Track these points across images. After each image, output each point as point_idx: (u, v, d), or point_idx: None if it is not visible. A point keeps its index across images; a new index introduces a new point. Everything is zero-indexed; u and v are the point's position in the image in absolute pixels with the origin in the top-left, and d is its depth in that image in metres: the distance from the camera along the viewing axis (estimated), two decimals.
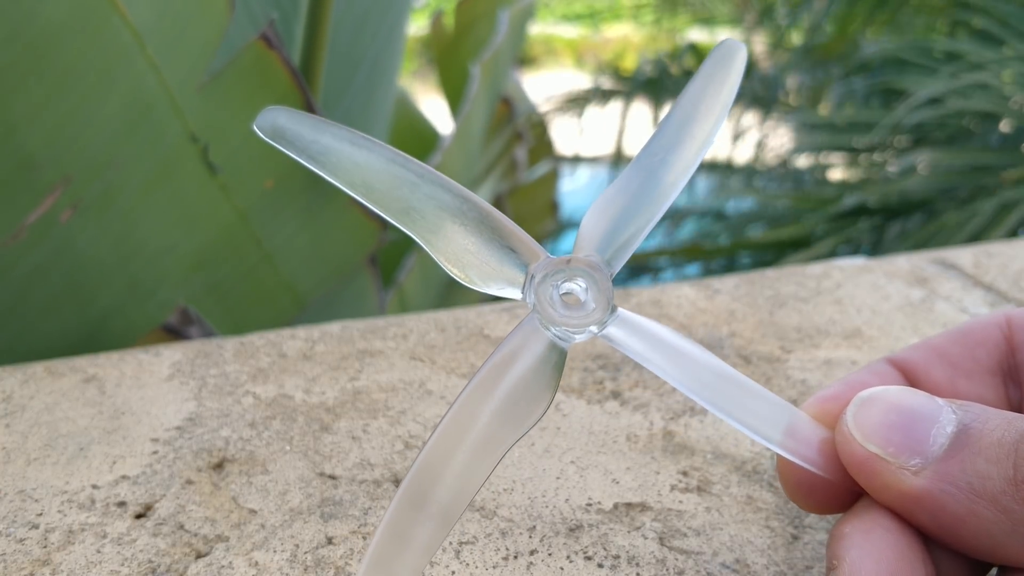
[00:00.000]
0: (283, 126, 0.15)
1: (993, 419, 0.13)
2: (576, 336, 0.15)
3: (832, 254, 0.93)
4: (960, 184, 0.91)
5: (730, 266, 1.09)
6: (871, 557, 0.13)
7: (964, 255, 0.33)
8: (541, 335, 0.14)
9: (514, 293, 0.15)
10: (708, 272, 1.12)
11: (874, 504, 0.14)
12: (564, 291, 0.15)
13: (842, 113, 1.14)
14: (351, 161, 0.15)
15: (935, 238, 0.86)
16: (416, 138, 0.85)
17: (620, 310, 0.15)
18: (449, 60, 0.87)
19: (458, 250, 0.15)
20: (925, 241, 0.86)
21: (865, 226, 0.94)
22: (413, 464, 0.13)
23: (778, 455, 0.15)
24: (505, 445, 0.14)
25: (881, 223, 0.95)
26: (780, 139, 1.36)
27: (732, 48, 0.17)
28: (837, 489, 0.15)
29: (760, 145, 1.37)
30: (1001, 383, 0.16)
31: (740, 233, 1.19)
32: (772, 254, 1.03)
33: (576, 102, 1.51)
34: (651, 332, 0.15)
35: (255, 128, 0.15)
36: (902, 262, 0.32)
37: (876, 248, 0.94)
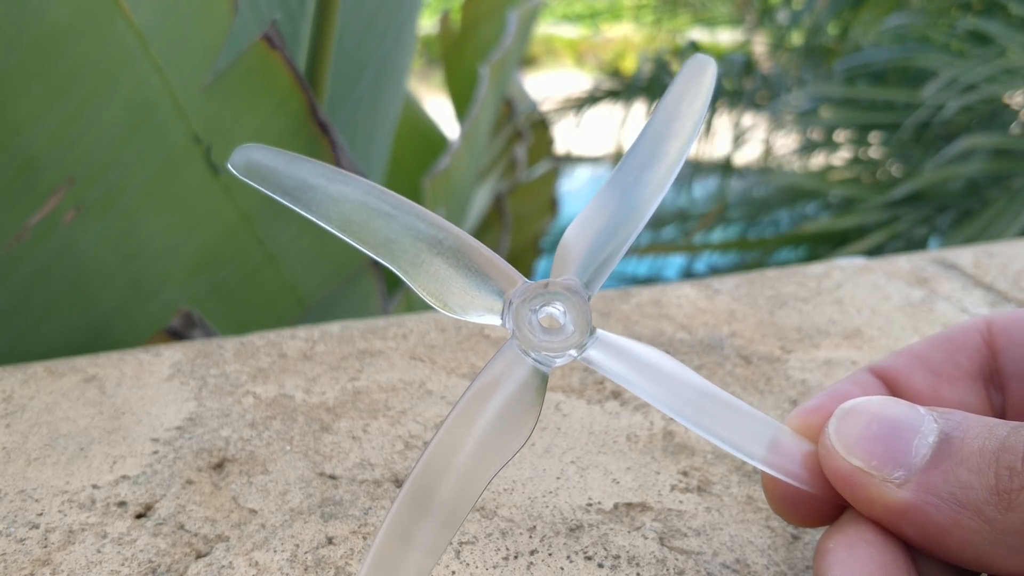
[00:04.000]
0: (257, 163, 0.15)
1: (974, 427, 0.13)
2: (556, 360, 0.15)
3: (882, 248, 0.92)
4: (1013, 172, 0.89)
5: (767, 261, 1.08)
6: (854, 573, 0.13)
7: (964, 255, 0.33)
8: (522, 361, 0.15)
9: (494, 320, 0.15)
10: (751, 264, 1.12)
11: (858, 518, 0.14)
12: (543, 315, 0.15)
13: (856, 89, 1.12)
14: (326, 195, 0.15)
15: (990, 228, 0.85)
16: (420, 139, 0.85)
17: (599, 332, 0.15)
18: (455, 58, 0.87)
19: (436, 280, 0.15)
20: (979, 232, 0.85)
21: (916, 216, 0.93)
22: (401, 490, 0.14)
23: (762, 471, 0.15)
24: (491, 471, 0.14)
25: (932, 213, 0.94)
26: (786, 140, 1.36)
27: (702, 64, 0.17)
28: (822, 502, 0.15)
29: (767, 143, 1.37)
30: (983, 388, 0.16)
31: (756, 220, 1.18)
32: (825, 247, 1.02)
33: (576, 104, 1.51)
34: (631, 353, 0.15)
35: (229, 166, 0.15)
36: (902, 262, 0.32)
37: (927, 242, 0.93)
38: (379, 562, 0.13)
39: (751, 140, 1.42)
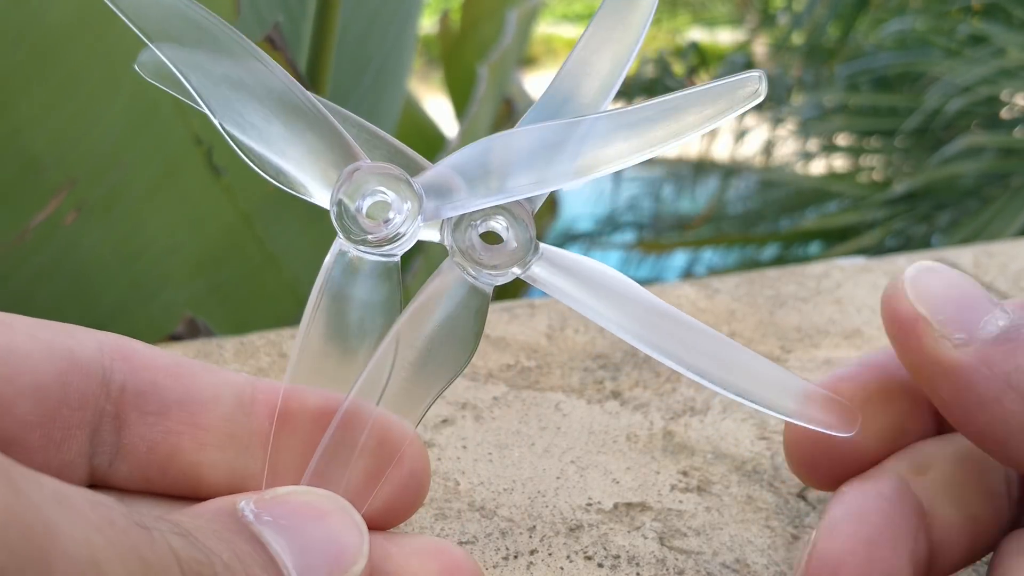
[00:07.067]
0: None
1: None
2: (498, 279, 0.13)
3: (881, 246, 0.92)
4: (1013, 170, 0.89)
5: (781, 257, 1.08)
6: (854, 519, 0.13)
7: (964, 255, 0.33)
8: (461, 279, 0.13)
9: (432, 235, 0.13)
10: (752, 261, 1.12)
11: (884, 473, 0.14)
12: (483, 230, 0.14)
13: (857, 96, 1.13)
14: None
15: (990, 226, 0.85)
16: (419, 137, 0.85)
17: (544, 247, 0.14)
18: (454, 58, 0.88)
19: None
20: (977, 231, 0.85)
21: (916, 214, 0.93)
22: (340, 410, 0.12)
23: (786, 425, 0.15)
24: (429, 396, 0.13)
25: (930, 212, 0.94)
26: (787, 143, 1.36)
27: None
28: (845, 460, 0.14)
29: (768, 145, 1.37)
30: None
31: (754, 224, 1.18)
32: (824, 244, 1.02)
33: None
34: (584, 270, 0.14)
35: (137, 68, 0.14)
36: (902, 262, 0.32)
37: (927, 239, 0.93)
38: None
39: (752, 142, 1.42)
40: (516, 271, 0.14)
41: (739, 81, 0.13)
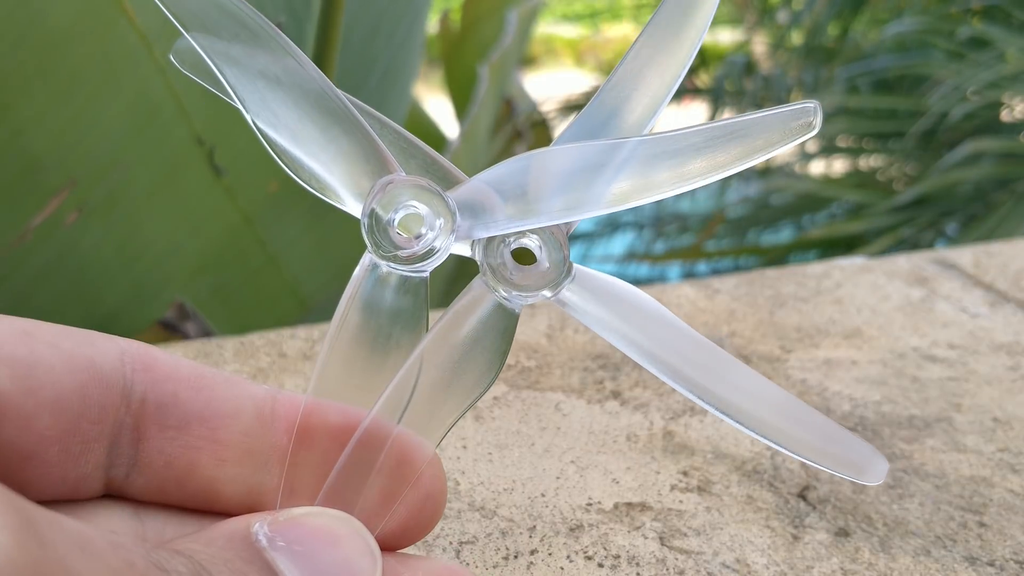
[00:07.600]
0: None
1: None
2: (528, 299, 0.13)
3: (888, 253, 0.92)
4: (1016, 175, 0.89)
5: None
6: None
7: (964, 255, 0.33)
8: (489, 298, 0.13)
9: (463, 249, 0.13)
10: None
11: None
12: (516, 247, 0.13)
13: (857, 97, 1.12)
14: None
15: (997, 231, 0.84)
16: (419, 137, 0.85)
17: (577, 268, 0.13)
18: (455, 58, 0.88)
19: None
20: (986, 235, 0.84)
21: (922, 221, 0.92)
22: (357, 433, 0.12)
23: None
24: (452, 416, 0.13)
25: (937, 217, 0.93)
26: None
27: None
28: None
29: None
30: None
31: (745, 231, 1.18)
32: (831, 253, 1.01)
33: (576, 106, 1.51)
34: (620, 295, 0.13)
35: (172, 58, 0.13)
36: (902, 262, 0.32)
37: (932, 246, 0.93)
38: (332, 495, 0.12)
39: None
40: (547, 294, 0.13)
41: (793, 112, 0.12)
